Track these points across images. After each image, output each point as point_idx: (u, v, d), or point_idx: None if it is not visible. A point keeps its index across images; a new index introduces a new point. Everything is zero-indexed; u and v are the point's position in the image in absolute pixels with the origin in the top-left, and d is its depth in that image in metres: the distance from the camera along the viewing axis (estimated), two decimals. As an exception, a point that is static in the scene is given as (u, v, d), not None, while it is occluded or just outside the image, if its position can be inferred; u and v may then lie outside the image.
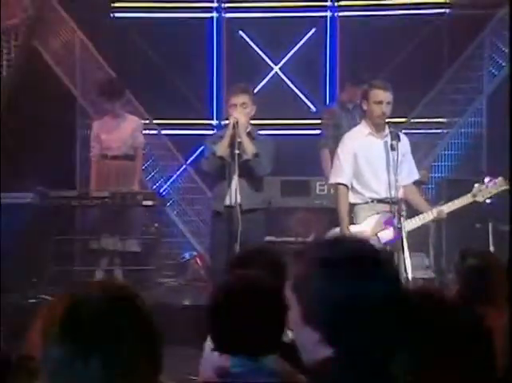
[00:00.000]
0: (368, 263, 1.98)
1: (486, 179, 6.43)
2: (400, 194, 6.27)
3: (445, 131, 9.33)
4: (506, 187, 6.40)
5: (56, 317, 1.75)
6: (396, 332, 1.94)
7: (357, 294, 1.92)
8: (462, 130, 9.31)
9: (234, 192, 6.47)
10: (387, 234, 6.27)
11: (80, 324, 1.72)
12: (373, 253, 2.03)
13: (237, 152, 6.45)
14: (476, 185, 6.38)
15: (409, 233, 6.22)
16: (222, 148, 6.51)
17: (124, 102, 8.26)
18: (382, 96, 6.38)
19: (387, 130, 6.34)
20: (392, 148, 6.19)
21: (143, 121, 8.35)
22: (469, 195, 6.35)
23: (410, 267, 6.12)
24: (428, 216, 6.39)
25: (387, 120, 6.42)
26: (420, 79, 9.27)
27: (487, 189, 6.38)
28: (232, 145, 6.49)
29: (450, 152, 9.31)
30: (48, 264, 7.21)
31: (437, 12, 9.78)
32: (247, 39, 9.83)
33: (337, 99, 8.63)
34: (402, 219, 6.17)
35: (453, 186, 7.92)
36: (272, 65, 9.88)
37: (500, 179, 6.42)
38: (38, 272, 7.33)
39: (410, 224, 6.30)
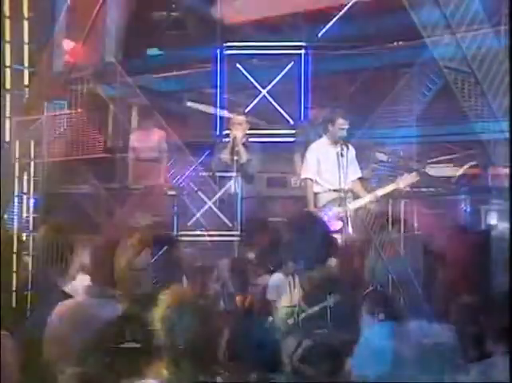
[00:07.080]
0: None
1: (405, 175, 8.02)
2: (348, 186, 7.79)
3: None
4: (416, 179, 7.97)
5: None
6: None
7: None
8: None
9: (234, 185, 7.73)
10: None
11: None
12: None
13: (235, 157, 7.72)
14: (398, 178, 7.98)
15: (358, 209, 7.70)
16: (225, 155, 7.86)
17: (152, 120, 9.35)
18: (343, 124, 7.92)
19: (340, 142, 7.77)
20: (342, 155, 7.60)
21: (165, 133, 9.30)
22: (394, 183, 7.96)
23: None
24: (365, 199, 7.95)
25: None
26: (368, 101, 9.38)
27: (405, 180, 8.00)
28: (232, 153, 7.78)
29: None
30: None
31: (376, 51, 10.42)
32: (243, 70, 10.43)
33: (308, 117, 9.71)
34: (349, 201, 7.75)
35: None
36: (261, 89, 10.37)
37: (413, 174, 8.04)
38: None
39: (354, 205, 7.88)
